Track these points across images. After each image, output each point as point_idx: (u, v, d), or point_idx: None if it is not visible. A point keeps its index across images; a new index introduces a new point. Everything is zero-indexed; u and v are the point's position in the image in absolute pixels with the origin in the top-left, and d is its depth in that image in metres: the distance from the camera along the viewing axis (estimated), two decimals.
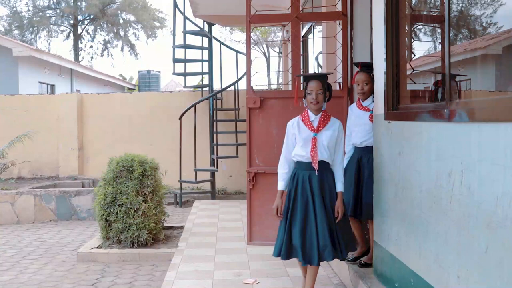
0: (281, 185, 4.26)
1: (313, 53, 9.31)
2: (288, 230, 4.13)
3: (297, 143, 4.17)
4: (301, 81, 4.49)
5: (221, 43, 11.51)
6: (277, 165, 4.33)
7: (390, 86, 4.17)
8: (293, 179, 4.19)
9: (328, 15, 6.44)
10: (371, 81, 4.77)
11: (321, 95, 4.12)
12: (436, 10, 3.82)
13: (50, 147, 11.62)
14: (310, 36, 9.77)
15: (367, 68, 4.86)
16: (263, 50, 34.91)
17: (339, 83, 6.08)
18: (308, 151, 4.10)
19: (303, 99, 4.22)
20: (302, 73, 6.39)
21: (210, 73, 11.05)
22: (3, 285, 5.24)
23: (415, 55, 4.20)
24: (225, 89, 10.57)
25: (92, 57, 37.27)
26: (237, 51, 11.88)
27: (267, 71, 33.62)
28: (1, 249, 6.76)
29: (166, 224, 7.00)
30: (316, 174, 4.10)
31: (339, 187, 4.19)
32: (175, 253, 5.86)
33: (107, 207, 6.11)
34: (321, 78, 4.20)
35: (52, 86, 19.07)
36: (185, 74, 11.12)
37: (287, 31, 11.17)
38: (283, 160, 4.29)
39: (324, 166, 4.14)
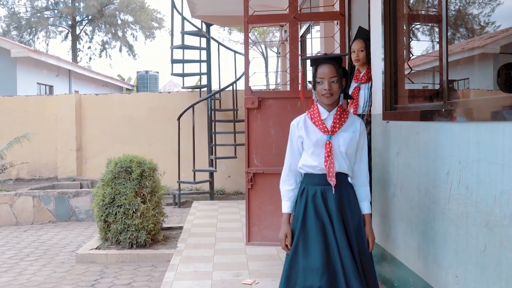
0: (287, 206, 3.20)
1: (311, 53, 9.31)
2: (296, 265, 3.06)
3: (305, 149, 3.15)
4: (303, 73, 3.99)
5: (219, 43, 11.51)
6: (276, 165, 3.97)
7: (388, 85, 4.17)
8: (300, 197, 3.15)
9: (326, 15, 6.45)
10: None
11: (336, 83, 3.06)
12: (433, 10, 3.83)
13: (49, 148, 11.61)
14: (308, 36, 9.78)
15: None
16: (261, 50, 34.92)
17: None
18: (321, 160, 3.06)
19: (313, 90, 3.17)
20: (301, 72, 6.38)
21: (208, 73, 11.05)
22: (2, 287, 5.23)
23: (413, 55, 4.20)
24: (223, 89, 10.57)
25: (90, 58, 37.31)
26: (235, 52, 11.89)
27: (265, 71, 33.64)
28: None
29: (165, 225, 6.99)
30: (333, 190, 3.06)
31: (366, 207, 3.15)
32: (174, 253, 5.86)
33: (106, 208, 6.11)
34: (335, 61, 3.11)
35: (51, 87, 19.05)
36: (183, 75, 11.12)
37: (285, 31, 11.17)
38: (288, 172, 3.24)
39: (342, 180, 3.10)
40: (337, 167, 3.06)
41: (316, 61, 3.16)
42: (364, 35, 4.96)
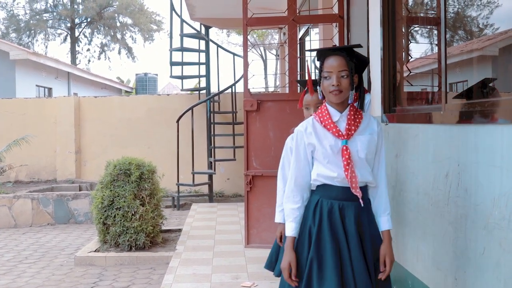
0: (291, 229, 2.69)
1: (310, 56, 9.31)
2: None
3: (318, 159, 2.68)
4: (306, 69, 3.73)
5: (218, 45, 11.52)
6: (275, 168, 3.63)
7: (387, 88, 4.17)
8: (313, 212, 2.68)
9: (324, 18, 6.45)
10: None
11: (346, 79, 2.61)
12: (432, 12, 3.83)
13: (48, 150, 11.60)
14: (307, 38, 9.79)
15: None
16: (260, 53, 34.94)
17: None
18: (340, 170, 2.61)
19: (317, 86, 2.75)
20: (299, 78, 6.38)
21: (207, 75, 11.05)
22: None
23: (411, 57, 4.21)
24: (222, 91, 10.57)
25: (89, 60, 37.28)
26: (234, 54, 11.89)
27: (264, 74, 33.63)
28: None
29: (163, 227, 6.98)
30: (355, 206, 2.65)
31: (386, 222, 2.72)
32: (173, 256, 5.85)
33: (105, 211, 6.10)
34: (345, 51, 2.67)
35: (50, 89, 19.05)
36: (182, 77, 11.12)
37: (284, 33, 11.17)
38: (293, 188, 2.73)
39: (364, 195, 2.69)
40: (359, 177, 2.62)
41: (323, 53, 2.71)
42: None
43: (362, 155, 2.64)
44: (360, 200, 2.62)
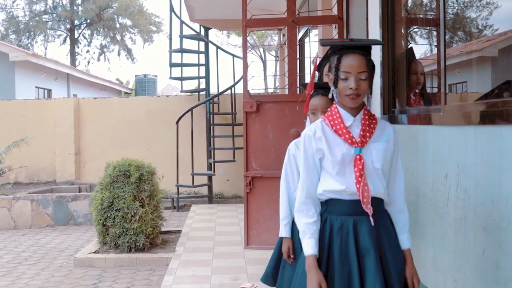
0: (311, 246, 2.33)
1: (310, 57, 9.32)
2: None
3: (326, 168, 2.38)
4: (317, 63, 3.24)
5: (217, 47, 11.52)
6: (274, 169, 3.42)
7: (386, 89, 4.18)
8: (322, 232, 2.37)
9: (324, 19, 6.46)
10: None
11: (365, 81, 2.31)
12: (431, 13, 3.84)
13: (47, 152, 11.60)
14: (307, 39, 9.80)
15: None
16: (259, 54, 34.94)
17: None
18: (350, 182, 2.31)
19: (333, 87, 2.37)
20: (303, 81, 6.37)
21: (207, 77, 11.05)
22: None
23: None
24: (222, 93, 10.57)
25: (88, 62, 37.29)
26: (233, 55, 11.89)
27: (264, 75, 33.65)
28: None
29: (163, 229, 6.98)
30: (369, 222, 2.31)
31: (406, 240, 2.42)
32: (173, 257, 5.85)
33: (104, 212, 6.10)
34: (366, 50, 2.36)
35: (49, 90, 19.04)
36: (182, 78, 11.12)
37: (284, 35, 11.18)
38: (305, 200, 2.41)
39: (379, 207, 2.38)
40: (372, 190, 2.30)
41: (341, 48, 2.36)
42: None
43: (378, 165, 2.34)
44: (371, 218, 2.30)
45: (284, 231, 3.11)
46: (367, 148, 2.34)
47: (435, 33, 3.58)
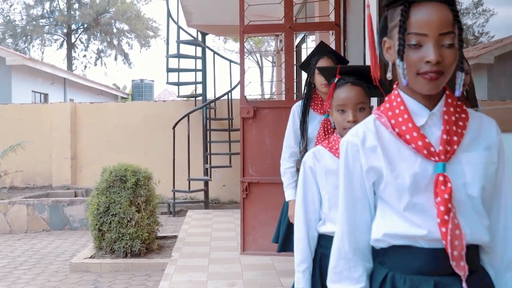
0: None
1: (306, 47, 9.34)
2: None
3: (385, 197, 1.46)
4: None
5: (214, 52, 11.54)
6: (271, 175, 3.02)
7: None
8: None
9: (321, 25, 6.48)
10: None
11: (451, 49, 1.37)
12: None
13: (43, 156, 11.58)
14: (304, 46, 9.82)
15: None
16: (256, 59, 35.00)
17: None
18: (430, 221, 1.38)
19: (398, 59, 1.41)
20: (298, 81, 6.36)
21: (204, 82, 11.06)
22: None
23: None
24: (218, 98, 10.58)
25: (85, 66, 37.25)
26: (230, 61, 11.91)
27: (261, 81, 33.69)
28: None
29: (159, 234, 6.97)
30: (459, 282, 1.38)
31: None
32: (169, 263, 5.84)
33: (100, 217, 6.09)
34: None
35: (46, 95, 19.04)
36: (178, 84, 11.13)
37: (281, 41, 11.21)
38: (347, 252, 1.49)
39: (476, 261, 1.46)
40: (468, 235, 1.38)
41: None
42: (329, 53, 3.80)
43: (475, 191, 1.41)
44: (463, 283, 1.37)
45: (302, 281, 2.14)
46: (455, 163, 1.41)
47: None
